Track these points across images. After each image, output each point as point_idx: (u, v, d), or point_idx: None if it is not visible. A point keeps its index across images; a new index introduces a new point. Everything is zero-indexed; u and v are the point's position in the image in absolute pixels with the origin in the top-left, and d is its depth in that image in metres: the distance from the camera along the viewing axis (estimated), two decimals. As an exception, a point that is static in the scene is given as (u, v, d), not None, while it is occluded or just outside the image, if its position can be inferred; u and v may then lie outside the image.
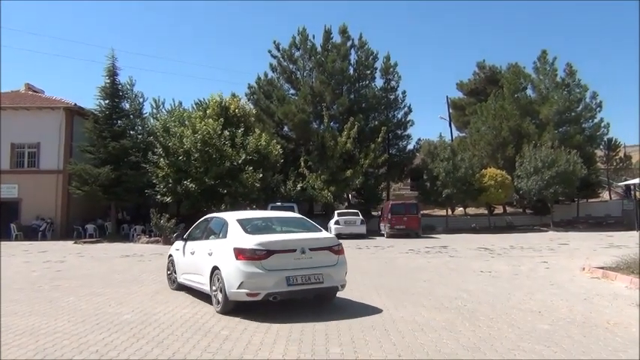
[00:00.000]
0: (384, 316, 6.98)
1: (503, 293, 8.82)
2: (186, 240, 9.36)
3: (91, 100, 52.11)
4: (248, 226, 7.93)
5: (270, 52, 35.45)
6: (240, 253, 7.21)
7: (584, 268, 11.44)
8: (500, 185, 31.10)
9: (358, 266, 13.54)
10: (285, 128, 34.92)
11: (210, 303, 7.74)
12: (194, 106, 31.86)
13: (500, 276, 11.10)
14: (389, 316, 6.98)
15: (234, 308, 7.26)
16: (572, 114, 34.68)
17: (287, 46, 35.18)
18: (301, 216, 9.52)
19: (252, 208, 30.80)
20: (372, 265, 13.78)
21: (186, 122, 27.85)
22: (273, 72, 35.84)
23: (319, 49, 34.89)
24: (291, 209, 27.26)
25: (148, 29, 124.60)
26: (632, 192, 34.27)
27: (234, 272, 7.19)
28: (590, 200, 36.55)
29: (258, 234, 7.68)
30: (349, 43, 35.12)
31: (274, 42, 35.37)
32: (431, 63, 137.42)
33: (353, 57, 35.51)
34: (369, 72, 35.65)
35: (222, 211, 26.49)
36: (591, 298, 8.23)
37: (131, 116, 31.51)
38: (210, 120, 27.30)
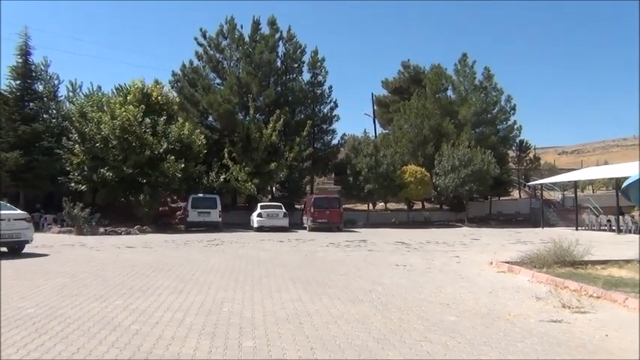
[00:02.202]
0: (299, 309, 7.05)
1: (416, 286, 9.14)
2: None
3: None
4: None
5: (196, 39, 34.64)
6: None
7: (491, 263, 12.05)
8: (420, 182, 32.16)
9: (278, 259, 13.61)
10: (210, 118, 34.31)
11: None
12: (114, 91, 30.64)
13: (415, 270, 11.49)
14: (304, 309, 7.05)
15: None
16: (488, 116, 36.43)
17: (214, 34, 34.49)
18: (5, 203, 15.14)
19: (172, 199, 30.16)
20: (292, 258, 13.85)
21: (105, 108, 26.78)
22: (199, 60, 35.06)
23: (247, 39, 34.48)
24: (213, 201, 26.96)
25: (64, 6, 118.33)
26: (540, 191, 36.51)
27: None
28: (501, 198, 38.50)
29: None
30: (277, 35, 34.93)
31: (201, 29, 34.60)
32: (358, 60, 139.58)
33: (281, 49, 35.45)
34: (296, 65, 35.69)
35: (141, 201, 25.77)
36: (496, 291, 8.68)
37: (45, 99, 29.88)
38: (131, 106, 26.40)
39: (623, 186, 9.12)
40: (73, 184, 26.43)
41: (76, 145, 26.17)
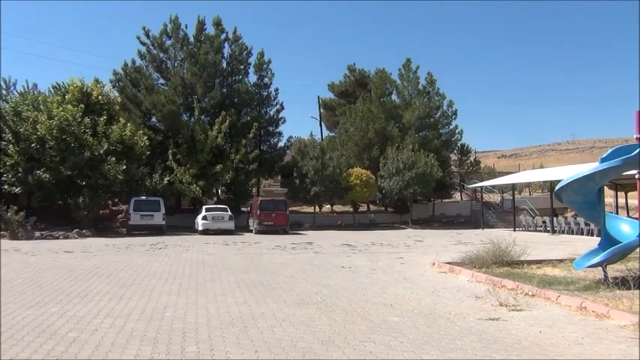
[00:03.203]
0: (244, 313, 7.00)
1: (361, 288, 9.26)
2: None
3: None
4: None
5: (138, 38, 33.69)
6: None
7: (434, 264, 12.35)
8: (365, 184, 32.53)
9: (224, 262, 13.46)
10: (153, 119, 33.46)
11: None
12: (51, 89, 29.46)
13: (360, 271, 11.63)
14: (249, 312, 7.02)
15: None
16: (431, 120, 37.38)
17: (157, 33, 33.69)
18: None
19: (113, 202, 29.28)
20: (237, 262, 13.73)
21: (42, 107, 25.73)
22: (142, 59, 34.11)
23: (192, 39, 33.92)
24: (157, 203, 26.37)
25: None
26: (480, 194, 37.70)
27: None
28: (444, 200, 39.49)
29: None
30: (223, 36, 34.55)
31: (144, 28, 33.61)
32: (305, 63, 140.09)
33: (226, 50, 35.09)
34: (242, 67, 35.41)
35: (80, 203, 24.85)
36: (438, 291, 8.91)
37: (-26, 97, 28.36)
38: (70, 106, 25.52)
39: (556, 189, 9.56)
40: (6, 187, 25.24)
41: (10, 146, 25.05)
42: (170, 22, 33.56)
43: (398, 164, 32.05)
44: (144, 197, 26.88)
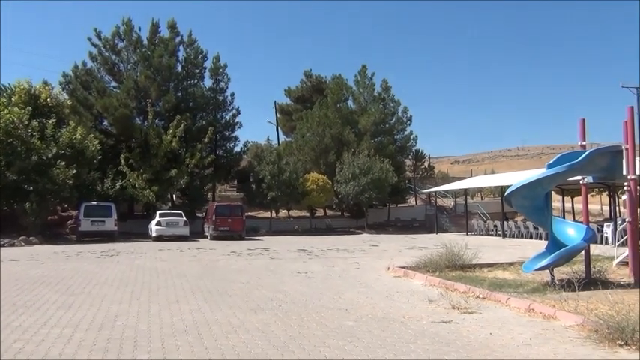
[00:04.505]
0: (199, 320, 6.90)
1: (316, 293, 9.28)
2: None
3: None
4: None
5: (89, 39, 32.76)
6: None
7: (389, 268, 12.50)
8: (322, 190, 32.64)
9: (178, 269, 13.25)
10: (105, 122, 32.65)
11: None
12: (-4, 91, 28.30)
13: (315, 276, 11.66)
14: (203, 319, 6.92)
15: None
16: (387, 126, 37.89)
17: (109, 35, 32.90)
18: None
19: (63, 208, 28.36)
20: (192, 268, 13.54)
21: (-14, 109, 24.73)
22: (93, 62, 33.19)
23: (145, 42, 33.32)
24: (108, 209, 25.72)
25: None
26: (434, 199, 38.39)
27: None
28: (399, 205, 40.02)
29: None
30: (178, 39, 34.08)
31: (95, 30, 32.71)
32: (261, 68, 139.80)
33: (181, 54, 34.61)
34: (197, 70, 35.00)
35: (27, 209, 23.98)
36: (392, 295, 9.02)
37: None
38: (16, 108, 24.64)
39: (506, 194, 9.86)
40: (-53, 192, 24.13)
41: (-49, 150, 23.97)
42: (123, 24, 32.86)
43: (354, 169, 32.28)
44: (95, 203, 26.17)
